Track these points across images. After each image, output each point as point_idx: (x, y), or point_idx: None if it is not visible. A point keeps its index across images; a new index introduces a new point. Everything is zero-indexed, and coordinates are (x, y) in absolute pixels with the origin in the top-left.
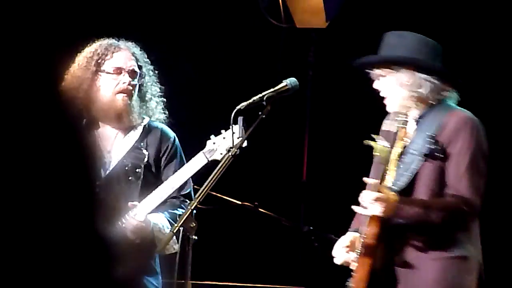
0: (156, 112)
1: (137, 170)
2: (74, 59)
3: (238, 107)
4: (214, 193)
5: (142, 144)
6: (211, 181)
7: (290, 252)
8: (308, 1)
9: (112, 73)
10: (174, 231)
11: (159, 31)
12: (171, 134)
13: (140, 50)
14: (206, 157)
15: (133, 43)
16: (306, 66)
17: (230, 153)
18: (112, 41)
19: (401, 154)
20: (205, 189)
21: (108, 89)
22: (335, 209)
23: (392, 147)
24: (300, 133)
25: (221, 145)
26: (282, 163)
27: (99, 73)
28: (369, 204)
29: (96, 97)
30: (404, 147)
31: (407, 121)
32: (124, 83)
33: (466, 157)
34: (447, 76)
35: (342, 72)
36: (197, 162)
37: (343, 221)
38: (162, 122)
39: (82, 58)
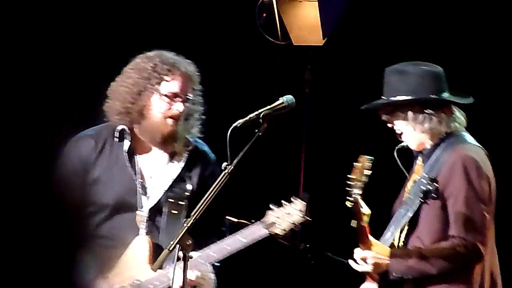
0: (195, 129)
1: (180, 202)
2: (125, 68)
3: (234, 124)
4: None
5: (186, 173)
6: (208, 198)
7: (286, 270)
8: (304, 19)
9: (169, 97)
10: (170, 248)
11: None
12: (213, 157)
13: (196, 70)
14: (268, 230)
15: (190, 61)
16: (303, 83)
17: (226, 171)
18: (173, 58)
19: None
20: (202, 207)
21: (159, 111)
22: (331, 226)
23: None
24: (297, 150)
25: (284, 220)
26: (279, 180)
27: (155, 92)
28: (360, 261)
29: (143, 115)
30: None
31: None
32: (177, 110)
33: (458, 199)
34: (449, 104)
35: (339, 89)
36: (256, 232)
37: (339, 238)
38: (197, 134)
39: (139, 69)
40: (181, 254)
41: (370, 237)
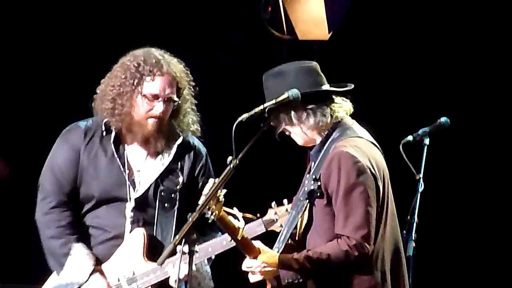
0: (190, 127)
1: (172, 195)
2: (114, 66)
3: (239, 118)
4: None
5: (176, 166)
6: (213, 193)
7: None
8: (310, 13)
9: (148, 98)
10: (175, 243)
11: (161, 44)
12: (203, 150)
13: (185, 67)
14: (265, 227)
15: (177, 60)
16: None
17: (231, 165)
18: (157, 57)
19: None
20: (206, 201)
21: (141, 111)
22: None
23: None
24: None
25: (282, 217)
26: (284, 175)
27: (137, 93)
28: (250, 272)
29: (129, 114)
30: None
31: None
32: (157, 111)
33: (338, 197)
34: (330, 95)
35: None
36: (254, 228)
37: None
38: (196, 135)
39: (124, 69)
40: (185, 249)
41: (258, 245)
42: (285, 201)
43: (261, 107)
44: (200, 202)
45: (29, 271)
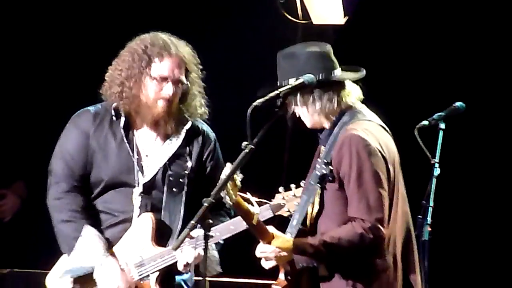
0: (198, 110)
1: (180, 180)
2: (122, 50)
3: (254, 103)
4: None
5: (184, 150)
6: (229, 177)
7: None
8: None
9: (157, 80)
10: (190, 228)
11: (174, 29)
12: (212, 135)
13: (192, 50)
14: (273, 212)
15: (184, 42)
16: None
17: (246, 150)
18: (164, 40)
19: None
20: (222, 185)
21: (150, 93)
22: None
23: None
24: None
25: (290, 202)
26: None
27: (145, 75)
28: (262, 256)
29: (138, 97)
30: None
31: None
32: (166, 92)
33: (350, 180)
34: (335, 81)
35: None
36: (262, 213)
37: None
38: (204, 120)
39: (131, 52)
40: (194, 233)
41: (271, 230)
42: (292, 186)
43: (276, 91)
44: (216, 186)
45: (38, 257)
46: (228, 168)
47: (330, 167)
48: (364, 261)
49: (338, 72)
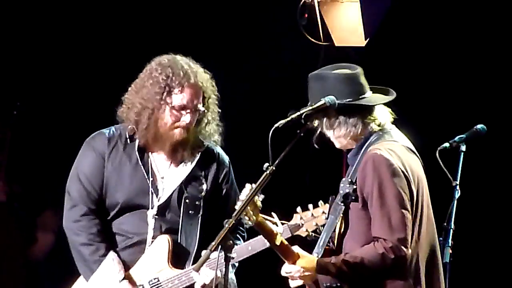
0: (213, 138)
1: (196, 202)
2: (141, 74)
3: (276, 125)
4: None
5: (199, 173)
6: (249, 199)
7: None
8: (346, 19)
9: (175, 109)
10: (212, 249)
11: (196, 51)
12: (226, 159)
13: (208, 74)
14: (291, 232)
15: (201, 68)
16: None
17: (268, 171)
18: (184, 68)
19: None
20: (243, 207)
21: (168, 122)
22: None
23: None
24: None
25: (308, 222)
26: (320, 181)
27: (165, 105)
28: (289, 277)
29: (155, 125)
30: None
31: None
32: (184, 121)
33: (373, 200)
34: (361, 105)
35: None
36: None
37: None
38: (218, 144)
39: (152, 79)
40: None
41: (297, 250)
42: (310, 206)
43: (298, 113)
44: (237, 207)
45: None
46: (247, 189)
47: (354, 186)
48: (387, 282)
49: (367, 95)
